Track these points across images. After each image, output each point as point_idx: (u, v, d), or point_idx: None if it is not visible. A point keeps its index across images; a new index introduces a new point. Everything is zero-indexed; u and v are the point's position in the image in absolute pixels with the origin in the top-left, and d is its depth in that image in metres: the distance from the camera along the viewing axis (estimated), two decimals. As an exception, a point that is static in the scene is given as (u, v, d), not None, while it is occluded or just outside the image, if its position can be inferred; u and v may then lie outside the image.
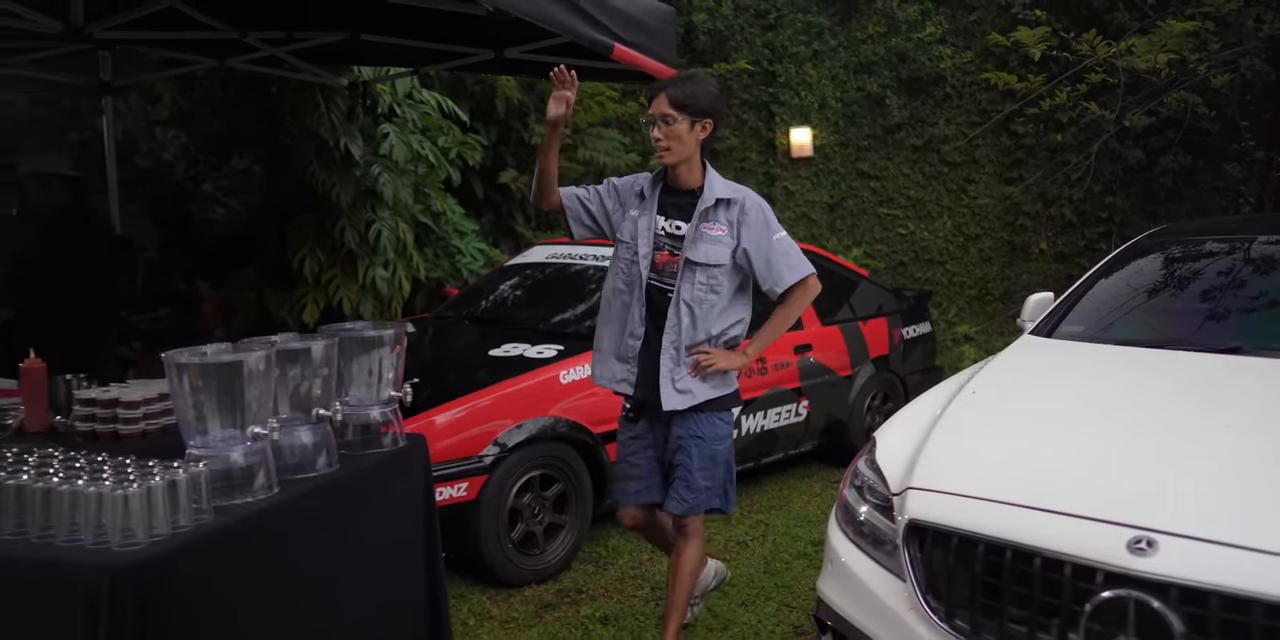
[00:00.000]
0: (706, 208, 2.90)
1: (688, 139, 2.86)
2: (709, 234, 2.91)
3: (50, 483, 2.06)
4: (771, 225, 2.95)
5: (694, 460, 2.98)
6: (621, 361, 3.02)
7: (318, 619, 2.46)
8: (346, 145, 4.87)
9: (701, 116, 2.86)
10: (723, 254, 2.91)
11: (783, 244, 2.96)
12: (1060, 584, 2.04)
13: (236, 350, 2.42)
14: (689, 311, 2.93)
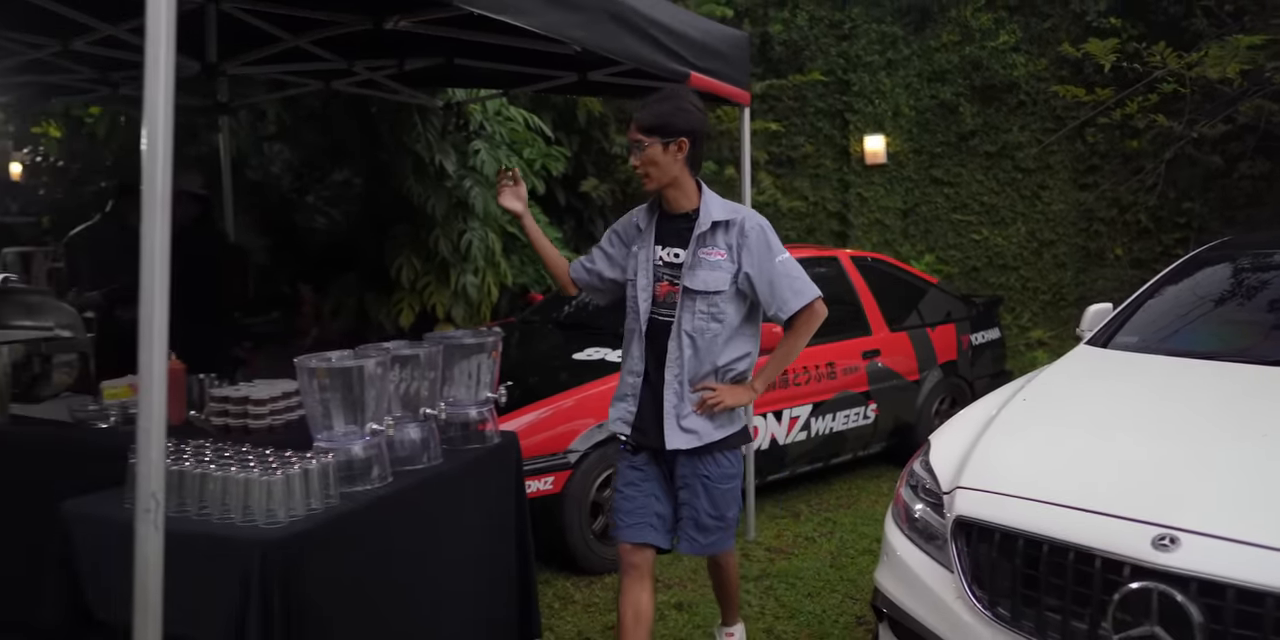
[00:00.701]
0: (703, 232, 2.75)
1: (664, 161, 2.70)
2: (707, 259, 2.75)
3: (207, 469, 2.41)
4: (774, 247, 2.78)
5: (702, 500, 2.82)
6: (621, 400, 2.91)
7: (423, 593, 2.79)
8: (441, 161, 5.23)
9: (674, 136, 2.68)
10: (722, 280, 2.74)
11: (786, 266, 2.79)
12: (1091, 576, 2.24)
13: (357, 356, 2.75)
14: (691, 342, 2.77)
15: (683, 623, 3.66)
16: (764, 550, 4.46)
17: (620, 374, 2.94)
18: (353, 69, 4.50)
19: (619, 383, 2.94)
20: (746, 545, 4.50)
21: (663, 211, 2.84)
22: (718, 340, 2.78)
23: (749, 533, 4.60)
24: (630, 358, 2.88)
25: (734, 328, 2.79)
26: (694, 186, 2.80)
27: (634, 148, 2.73)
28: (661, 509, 2.89)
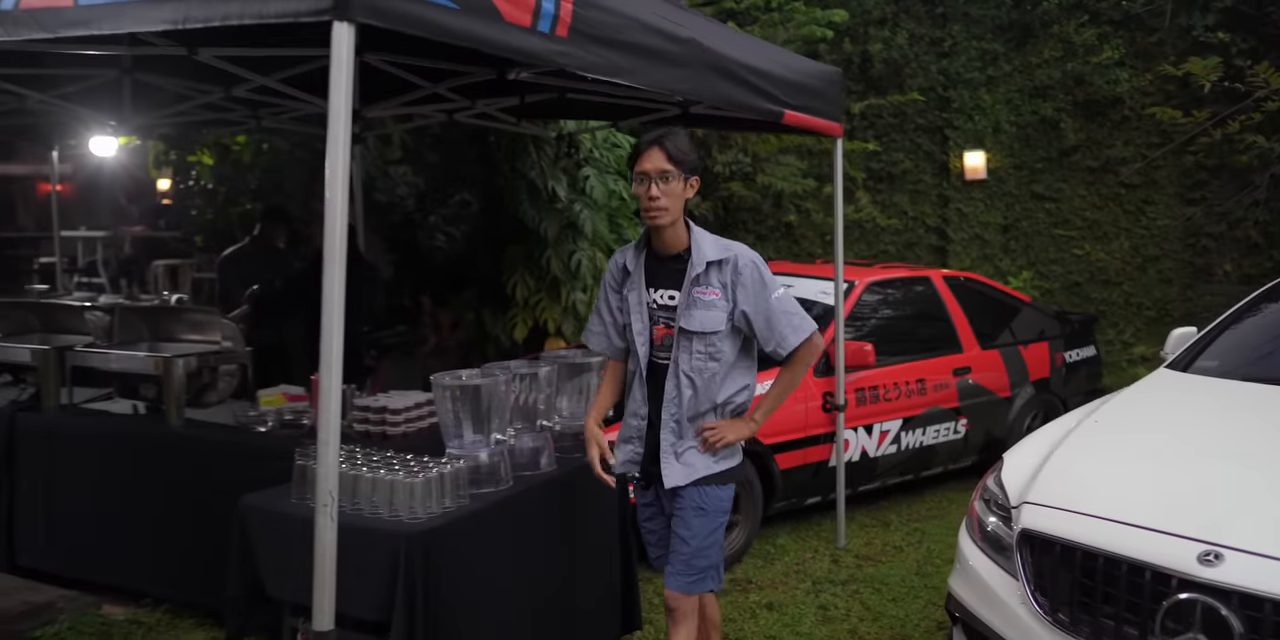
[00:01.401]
0: (698, 274, 2.72)
1: (680, 197, 2.69)
2: (702, 299, 2.72)
3: (361, 471, 2.83)
4: (768, 283, 2.75)
5: (692, 531, 2.79)
6: (627, 442, 2.92)
7: (536, 581, 3.15)
8: (553, 186, 5.64)
9: (692, 173, 2.71)
10: (719, 320, 2.73)
11: (782, 302, 2.76)
12: (1142, 587, 2.45)
13: (484, 375, 3.14)
14: (690, 383, 2.77)
15: (772, 621, 3.94)
16: (853, 557, 4.70)
17: (625, 416, 2.95)
18: (475, 105, 4.94)
19: (623, 425, 2.95)
20: (836, 552, 4.75)
21: (651, 252, 2.81)
22: (716, 378, 2.77)
23: (839, 540, 4.85)
24: (633, 400, 2.89)
25: (731, 364, 2.78)
26: (686, 226, 2.77)
27: (657, 178, 2.64)
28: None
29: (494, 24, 2.41)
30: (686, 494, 2.80)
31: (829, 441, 4.85)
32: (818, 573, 4.48)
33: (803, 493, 4.93)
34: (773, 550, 4.77)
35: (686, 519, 2.80)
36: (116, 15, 2.36)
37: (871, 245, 9.27)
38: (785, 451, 4.72)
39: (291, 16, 2.09)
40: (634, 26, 2.96)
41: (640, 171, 2.67)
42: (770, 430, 4.63)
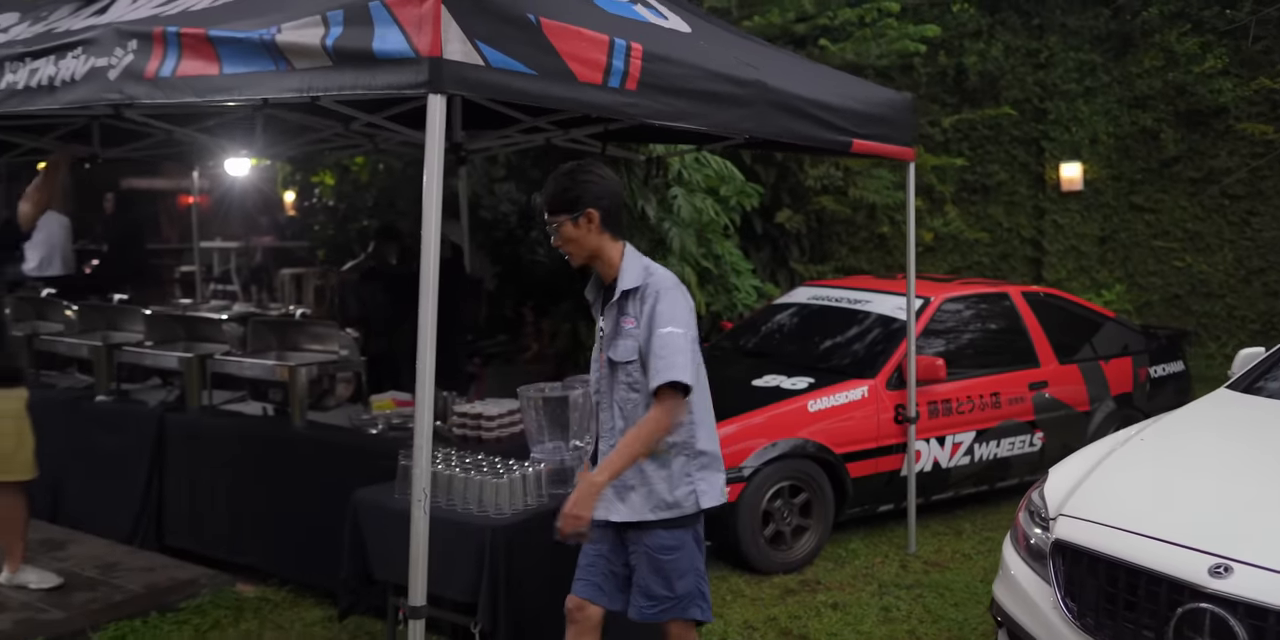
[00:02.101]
0: (615, 301, 2.72)
1: (579, 236, 2.67)
2: (624, 328, 2.70)
3: (453, 471, 3.22)
4: (662, 316, 2.61)
5: (645, 569, 2.73)
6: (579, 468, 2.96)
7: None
8: (643, 206, 5.99)
9: (579, 208, 2.64)
10: (633, 349, 2.66)
11: (666, 339, 2.59)
12: (1159, 596, 2.65)
13: (565, 388, 3.50)
14: (620, 413, 2.72)
15: (835, 620, 4.19)
16: (921, 562, 4.90)
17: None
18: (568, 132, 5.34)
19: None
20: (905, 557, 4.96)
21: (603, 285, 2.83)
22: (638, 410, 2.68)
23: (910, 546, 5.05)
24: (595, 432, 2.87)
25: (650, 395, 2.63)
26: (617, 254, 2.74)
27: (553, 230, 2.70)
28: (616, 568, 2.80)
29: (569, 85, 2.77)
30: (634, 533, 2.73)
31: (901, 452, 5.05)
32: (885, 576, 4.70)
33: (875, 500, 5.15)
34: (844, 554, 5.00)
35: (637, 555, 2.73)
36: (254, 84, 2.80)
37: (965, 257, 9.34)
38: (857, 460, 4.95)
39: (395, 89, 2.49)
40: (699, 75, 3.27)
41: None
42: (843, 440, 4.88)
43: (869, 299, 5.68)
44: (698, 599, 2.79)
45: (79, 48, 3.34)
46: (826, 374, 5.14)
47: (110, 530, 4.78)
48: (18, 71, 3.61)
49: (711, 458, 2.82)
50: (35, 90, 3.53)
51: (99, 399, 5.01)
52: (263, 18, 2.84)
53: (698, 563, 2.80)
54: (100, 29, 3.28)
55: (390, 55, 2.47)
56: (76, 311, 5.77)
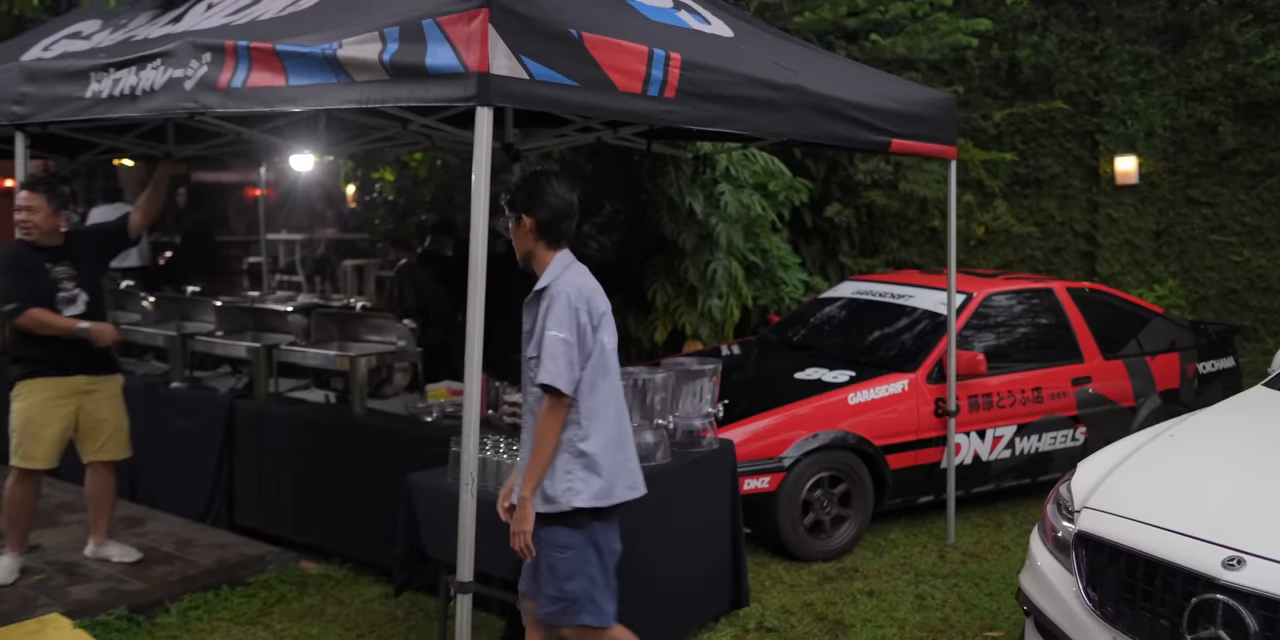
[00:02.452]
0: (528, 302, 2.91)
1: (517, 235, 2.90)
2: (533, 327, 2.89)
3: (501, 457, 3.41)
4: (552, 319, 2.76)
5: (542, 566, 2.85)
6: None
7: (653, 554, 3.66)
8: (690, 203, 6.13)
9: (519, 213, 2.87)
10: (534, 347, 2.84)
11: (550, 342, 2.74)
12: (1175, 587, 2.74)
13: (608, 379, 3.66)
14: (530, 410, 2.88)
15: (871, 606, 4.32)
16: (960, 553, 5.00)
17: None
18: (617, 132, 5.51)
19: None
20: (944, 548, 5.06)
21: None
22: (536, 404, 2.83)
23: (949, 537, 5.15)
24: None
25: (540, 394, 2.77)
26: (548, 260, 2.90)
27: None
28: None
29: (609, 94, 2.93)
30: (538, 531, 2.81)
31: (941, 445, 5.15)
32: (922, 566, 4.81)
33: (915, 491, 5.25)
34: (884, 544, 5.11)
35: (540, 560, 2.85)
36: (317, 95, 3.01)
37: (1018, 250, 9.31)
38: (897, 452, 5.05)
39: (445, 101, 2.68)
40: (737, 81, 3.41)
41: None
42: (882, 432, 4.99)
43: (913, 294, 5.76)
44: (589, 605, 2.83)
45: (158, 59, 3.58)
46: (868, 368, 5.25)
47: (185, 509, 5.08)
48: (102, 81, 3.87)
49: (593, 461, 2.83)
50: (118, 99, 3.79)
51: (174, 385, 5.32)
52: (325, 33, 3.05)
53: (592, 570, 2.84)
54: (177, 42, 3.52)
55: (442, 70, 2.66)
56: (153, 303, 6.10)
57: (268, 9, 4.23)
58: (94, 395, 4.29)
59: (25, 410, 4.20)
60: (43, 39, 5.81)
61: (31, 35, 6.04)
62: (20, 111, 4.31)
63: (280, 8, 4.14)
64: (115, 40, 5.08)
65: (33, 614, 3.91)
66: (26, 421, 4.19)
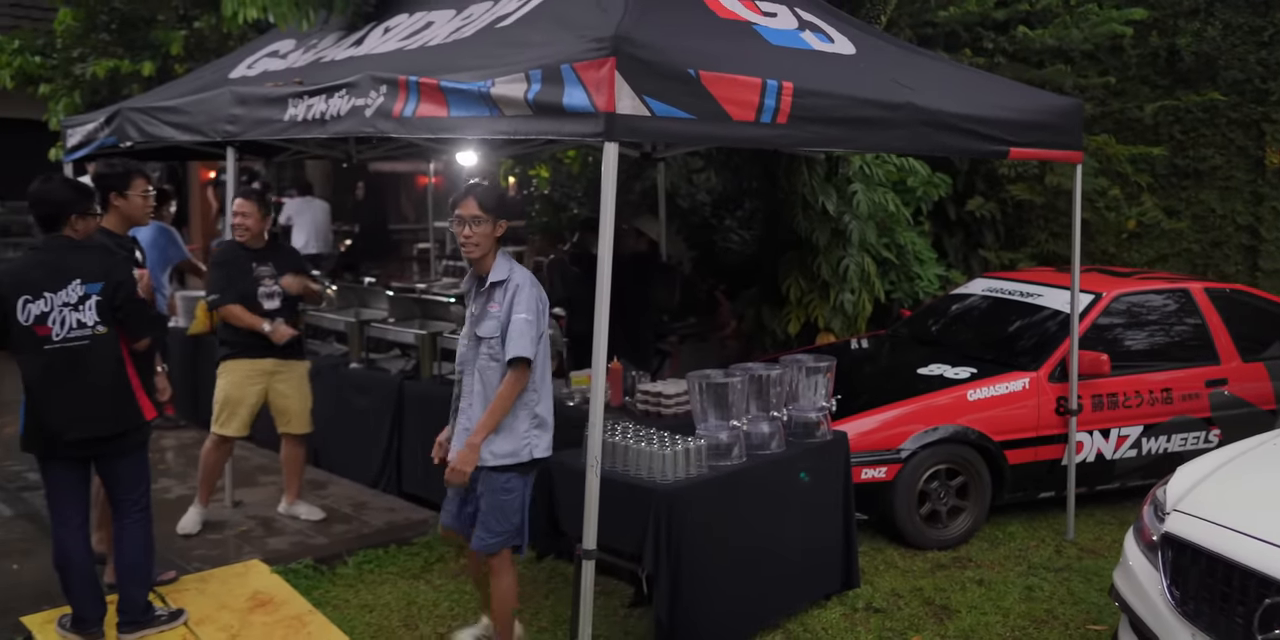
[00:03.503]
0: (484, 289, 3.50)
1: (490, 236, 3.44)
2: (489, 311, 3.46)
3: (628, 442, 3.84)
4: (519, 305, 3.40)
5: (486, 509, 3.49)
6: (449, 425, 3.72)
7: (765, 537, 4.02)
8: (824, 202, 6.38)
9: (501, 217, 3.46)
10: (495, 328, 3.42)
11: (519, 324, 3.38)
12: (1250, 588, 2.90)
13: (727, 375, 4.03)
14: (480, 379, 3.48)
15: (979, 595, 4.54)
16: (1076, 548, 5.12)
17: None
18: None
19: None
20: (1062, 543, 5.19)
21: (475, 274, 3.59)
22: (494, 376, 3.45)
23: (1068, 532, 5.27)
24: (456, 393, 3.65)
25: (505, 365, 3.42)
26: (495, 257, 3.49)
27: (470, 221, 3.39)
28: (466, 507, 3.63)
29: (724, 124, 3.28)
30: (480, 476, 3.49)
31: (1062, 442, 5.26)
32: (1036, 559, 4.97)
33: (1035, 487, 5.38)
34: (1001, 536, 5.29)
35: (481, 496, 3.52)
36: (473, 125, 3.48)
37: (1174, 244, 9.07)
38: (1016, 448, 5.21)
39: (579, 136, 3.10)
40: (848, 103, 3.69)
41: (457, 215, 3.45)
42: (1001, 428, 5.17)
43: (1041, 293, 5.85)
44: (519, 534, 3.58)
45: (343, 90, 4.15)
46: (990, 365, 5.41)
47: (360, 476, 5.78)
48: (298, 106, 4.48)
49: (543, 420, 3.56)
50: (310, 122, 4.39)
51: (352, 366, 6.01)
52: (480, 71, 3.51)
53: (524, 509, 3.58)
54: (359, 75, 4.06)
55: (576, 109, 3.08)
56: (335, 292, 6.83)
57: (435, 35, 4.77)
58: (281, 376, 4.98)
59: (225, 386, 4.95)
60: (247, 57, 6.60)
61: (238, 53, 6.85)
62: (232, 129, 5.00)
63: (445, 34, 4.67)
64: (307, 61, 5.75)
65: (239, 559, 4.63)
66: (226, 396, 4.93)
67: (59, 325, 3.53)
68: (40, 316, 3.51)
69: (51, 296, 3.52)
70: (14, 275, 3.57)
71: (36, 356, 3.53)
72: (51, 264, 3.59)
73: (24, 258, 3.71)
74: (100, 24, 8.58)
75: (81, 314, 3.57)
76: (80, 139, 6.73)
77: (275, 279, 4.93)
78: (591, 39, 3.12)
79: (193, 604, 4.15)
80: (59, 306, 3.53)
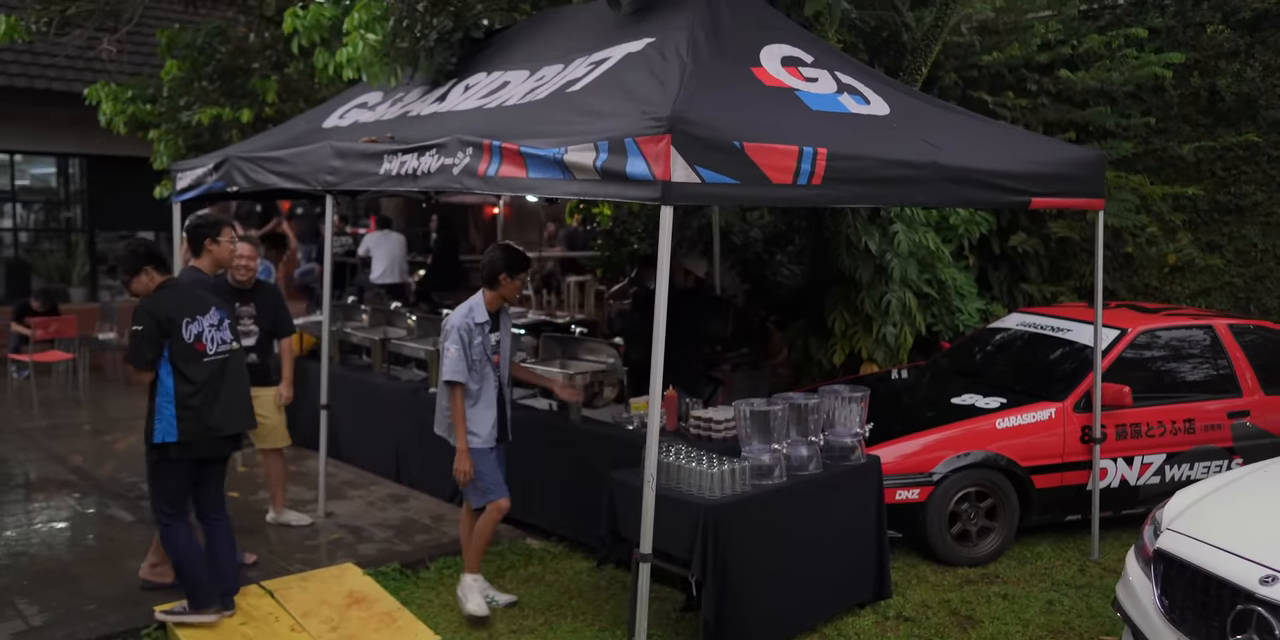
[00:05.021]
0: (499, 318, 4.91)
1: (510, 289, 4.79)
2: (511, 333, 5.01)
3: (680, 462, 4.34)
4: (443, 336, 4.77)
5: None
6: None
7: (803, 549, 4.48)
8: (866, 241, 6.85)
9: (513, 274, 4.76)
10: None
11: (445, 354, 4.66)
12: (1224, 597, 3.30)
13: (769, 403, 4.52)
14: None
15: (1002, 607, 4.93)
16: (1100, 568, 5.48)
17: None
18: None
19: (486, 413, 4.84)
20: (1086, 563, 5.55)
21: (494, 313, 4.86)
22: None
23: (1093, 553, 5.63)
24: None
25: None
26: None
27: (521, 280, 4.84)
28: None
29: (765, 187, 3.79)
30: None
31: (1087, 468, 5.64)
32: (1060, 577, 5.34)
33: (1062, 510, 5.75)
34: (1029, 555, 5.67)
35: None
36: (549, 186, 4.05)
37: (1216, 278, 9.31)
38: (1043, 473, 5.60)
39: (639, 199, 3.64)
40: (877, 165, 4.17)
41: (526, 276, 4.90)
42: (1029, 454, 5.56)
43: (1070, 328, 6.24)
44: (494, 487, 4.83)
45: (434, 150, 4.75)
46: (1019, 395, 5.81)
47: (437, 491, 6.35)
48: (392, 162, 5.10)
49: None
50: (403, 177, 5.00)
51: (430, 390, 6.59)
52: (555, 138, 4.07)
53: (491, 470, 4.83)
54: (448, 138, 4.65)
55: (637, 177, 3.62)
56: (415, 321, 7.46)
57: (511, 95, 5.37)
58: (259, 400, 5.30)
59: None
60: (338, 107, 7.30)
61: (329, 104, 7.56)
62: (331, 180, 5.65)
63: (520, 95, 5.26)
64: (394, 114, 6.41)
65: (333, 563, 5.21)
66: None
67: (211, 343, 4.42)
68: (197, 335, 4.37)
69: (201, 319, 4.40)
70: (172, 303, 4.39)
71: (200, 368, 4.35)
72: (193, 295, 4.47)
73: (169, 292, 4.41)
74: (204, 74, 9.41)
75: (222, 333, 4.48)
76: (189, 182, 7.48)
77: (255, 319, 5.58)
78: (651, 117, 3.66)
79: (296, 600, 4.73)
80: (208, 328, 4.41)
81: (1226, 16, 9.16)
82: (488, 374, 4.76)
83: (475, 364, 4.71)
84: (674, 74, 4.32)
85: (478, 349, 4.71)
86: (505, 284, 4.75)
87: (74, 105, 10.34)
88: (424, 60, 6.35)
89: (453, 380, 4.62)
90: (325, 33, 7.19)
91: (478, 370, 4.72)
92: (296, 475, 6.81)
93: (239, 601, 4.60)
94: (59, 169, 12.89)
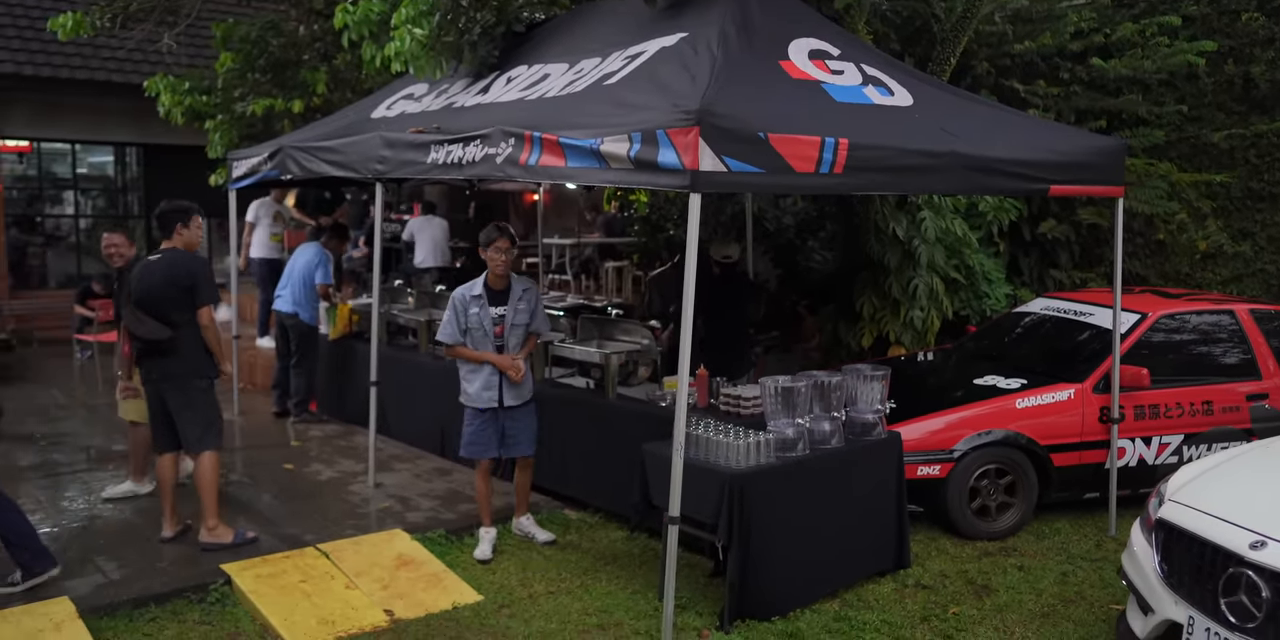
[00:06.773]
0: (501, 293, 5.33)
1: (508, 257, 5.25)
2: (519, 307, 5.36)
3: (709, 434, 4.61)
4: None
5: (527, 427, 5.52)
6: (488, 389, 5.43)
7: (824, 519, 4.73)
8: (894, 227, 7.05)
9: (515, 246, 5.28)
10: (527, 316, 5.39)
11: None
12: (1217, 561, 3.51)
13: (795, 380, 4.76)
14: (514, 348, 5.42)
15: (1017, 577, 5.15)
16: (1116, 543, 5.67)
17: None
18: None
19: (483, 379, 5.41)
20: (1103, 538, 5.75)
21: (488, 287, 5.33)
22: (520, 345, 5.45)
23: (1110, 530, 5.82)
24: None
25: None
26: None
27: (505, 252, 5.22)
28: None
29: (788, 175, 4.04)
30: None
31: (1106, 448, 5.83)
32: (1076, 551, 5.55)
33: (1081, 487, 5.95)
34: (1048, 531, 5.87)
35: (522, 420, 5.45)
36: (586, 174, 4.32)
37: (1249, 264, 9.37)
38: (1061, 452, 5.79)
39: (670, 187, 3.89)
40: (896, 154, 4.39)
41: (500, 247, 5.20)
42: (1048, 434, 5.76)
43: (1093, 312, 6.40)
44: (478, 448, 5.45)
45: (478, 140, 5.04)
46: (1040, 377, 6.00)
47: (480, 464, 6.65)
48: (438, 151, 5.40)
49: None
50: (449, 165, 5.30)
51: (474, 370, 6.91)
52: (592, 129, 4.33)
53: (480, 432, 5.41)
54: (492, 129, 4.93)
55: (668, 166, 3.88)
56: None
57: (551, 87, 5.64)
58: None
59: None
60: (385, 98, 7.62)
61: (377, 95, 7.88)
62: (380, 169, 5.97)
63: (560, 87, 5.53)
64: (440, 105, 6.71)
65: (382, 529, 5.56)
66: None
67: None
68: None
69: None
70: None
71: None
72: None
73: None
74: (256, 66, 9.78)
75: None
76: (245, 170, 7.87)
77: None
78: (681, 110, 3.92)
79: (350, 561, 5.08)
80: None
81: (1262, 4, 9.19)
82: (486, 346, 5.26)
83: (472, 332, 5.24)
84: (704, 68, 4.56)
85: (474, 318, 5.23)
86: (488, 259, 5.25)
87: (131, 96, 10.79)
88: (468, 53, 6.62)
89: (440, 340, 5.34)
90: (374, 27, 7.48)
91: (474, 338, 5.24)
92: (347, 449, 7.19)
93: (298, 561, 4.95)
94: (116, 158, 13.42)
